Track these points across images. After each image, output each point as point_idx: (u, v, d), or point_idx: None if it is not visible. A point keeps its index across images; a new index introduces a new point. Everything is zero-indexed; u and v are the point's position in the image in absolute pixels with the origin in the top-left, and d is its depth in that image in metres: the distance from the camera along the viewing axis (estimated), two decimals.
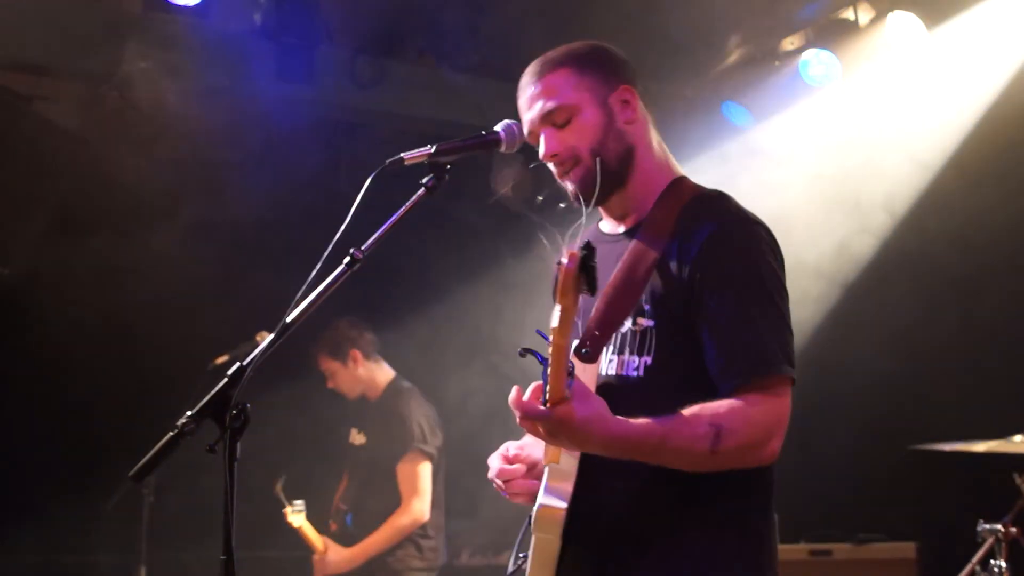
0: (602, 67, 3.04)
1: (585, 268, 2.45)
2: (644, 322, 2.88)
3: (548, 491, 2.88)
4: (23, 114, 6.58)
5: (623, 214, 3.09)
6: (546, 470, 2.91)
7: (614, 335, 2.95)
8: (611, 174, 3.00)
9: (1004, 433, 5.29)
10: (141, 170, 6.42)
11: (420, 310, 7.53)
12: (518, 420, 2.64)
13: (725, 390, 2.79)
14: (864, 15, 6.61)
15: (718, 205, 2.99)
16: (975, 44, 6.20)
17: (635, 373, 2.90)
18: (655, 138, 3.12)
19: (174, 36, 6.36)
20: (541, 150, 3.02)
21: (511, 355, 2.72)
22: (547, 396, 2.56)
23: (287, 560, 6.90)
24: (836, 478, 6.74)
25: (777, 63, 6.99)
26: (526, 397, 2.66)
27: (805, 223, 6.46)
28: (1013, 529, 5.21)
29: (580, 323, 3.01)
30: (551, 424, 2.57)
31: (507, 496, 3.09)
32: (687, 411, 2.71)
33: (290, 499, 6.37)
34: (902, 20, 6.33)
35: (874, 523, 6.68)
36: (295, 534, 6.42)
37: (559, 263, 2.44)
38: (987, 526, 5.27)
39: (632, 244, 2.97)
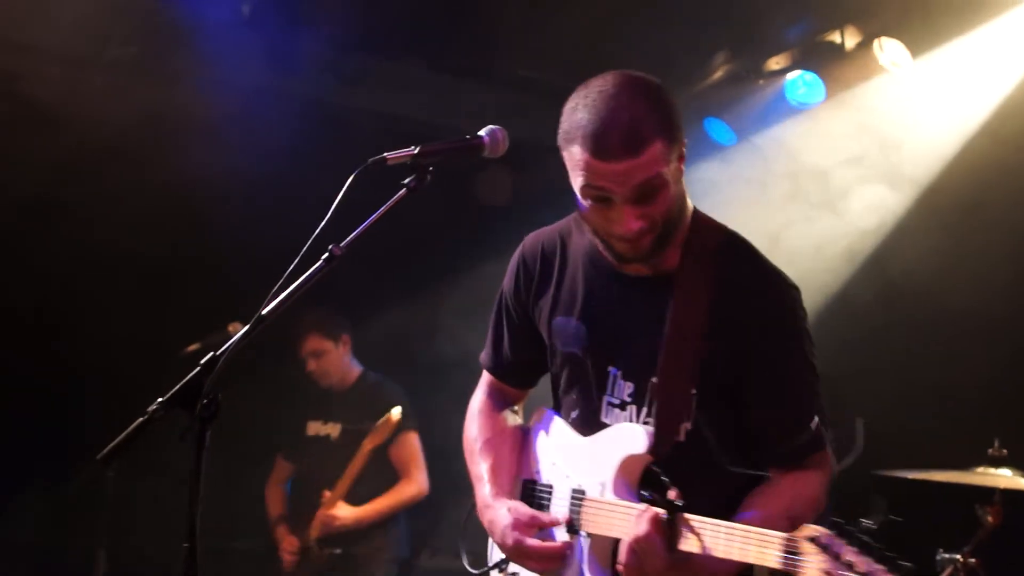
0: (678, 131, 2.96)
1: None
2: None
3: None
4: (3, 92, 6.55)
5: None
6: None
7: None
8: (667, 237, 2.99)
9: (967, 464, 5.33)
10: (120, 155, 6.40)
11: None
12: (628, 551, 2.78)
13: (780, 462, 2.99)
14: (850, 40, 6.64)
15: (753, 265, 3.07)
16: (958, 76, 6.24)
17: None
18: None
19: (161, 23, 6.35)
20: (624, 223, 2.89)
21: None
22: (675, 542, 2.72)
23: (252, 551, 6.90)
24: None
25: (762, 82, 7.02)
26: (643, 529, 2.76)
27: (781, 241, 6.48)
28: (972, 560, 5.22)
29: (616, 369, 3.11)
30: (671, 571, 2.73)
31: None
32: (763, 511, 2.84)
33: None
34: (888, 47, 6.36)
35: None
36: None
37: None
38: (946, 555, 5.29)
39: (672, 309, 3.01)
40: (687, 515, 2.75)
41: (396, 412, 6.43)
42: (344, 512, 6.49)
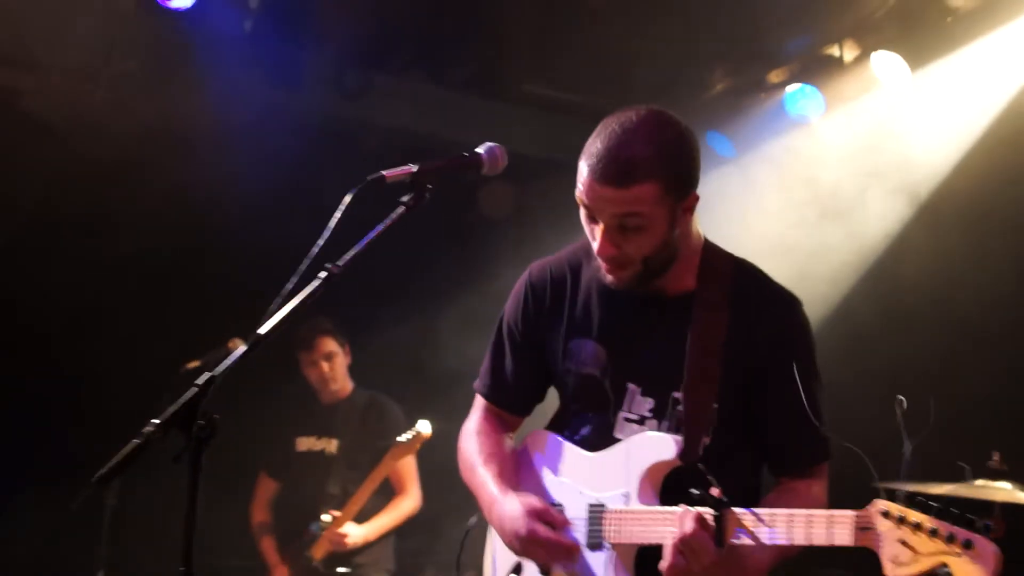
0: (685, 180, 3.06)
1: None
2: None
3: None
4: (6, 107, 6.57)
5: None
6: None
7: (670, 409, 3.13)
8: (653, 274, 3.09)
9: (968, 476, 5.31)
10: (122, 169, 6.42)
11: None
12: (674, 551, 2.81)
13: (792, 471, 3.18)
14: (849, 53, 6.67)
15: (763, 287, 3.21)
16: (956, 88, 6.26)
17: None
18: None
19: (164, 38, 6.37)
20: (597, 241, 3.03)
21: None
22: (724, 537, 2.76)
23: (246, 570, 6.87)
24: None
25: (762, 95, 7.05)
26: (690, 528, 2.79)
27: (782, 253, 6.49)
28: None
29: (636, 386, 3.17)
30: (718, 567, 2.78)
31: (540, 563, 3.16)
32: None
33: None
34: (886, 60, 6.38)
35: (835, 559, 6.67)
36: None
37: None
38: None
39: (693, 328, 3.11)
40: (736, 509, 2.80)
41: (426, 427, 6.38)
42: (355, 531, 6.42)
